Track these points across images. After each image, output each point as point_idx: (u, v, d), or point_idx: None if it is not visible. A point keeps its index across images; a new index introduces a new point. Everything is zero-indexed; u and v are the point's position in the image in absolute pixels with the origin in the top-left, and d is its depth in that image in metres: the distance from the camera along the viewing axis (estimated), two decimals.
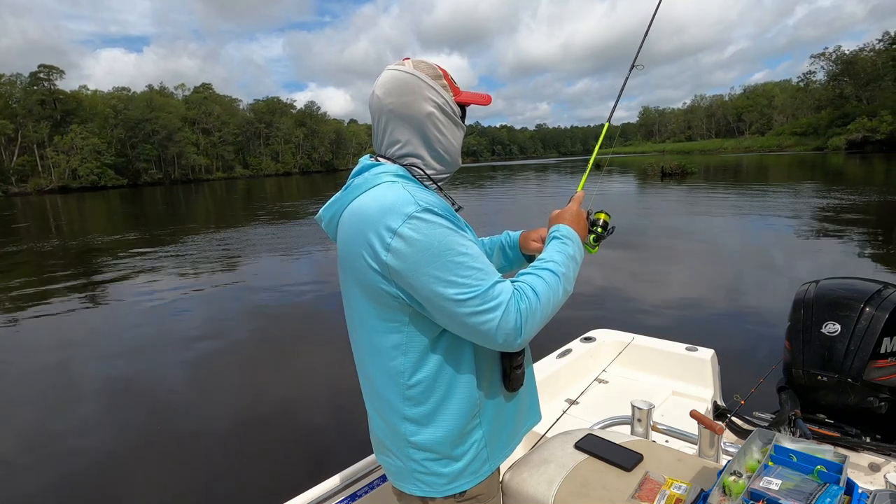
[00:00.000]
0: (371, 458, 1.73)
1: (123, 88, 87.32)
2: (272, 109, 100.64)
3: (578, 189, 1.39)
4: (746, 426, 2.39)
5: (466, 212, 1.21)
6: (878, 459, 2.01)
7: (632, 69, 1.77)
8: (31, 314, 8.12)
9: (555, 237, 1.20)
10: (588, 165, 1.58)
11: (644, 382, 2.83)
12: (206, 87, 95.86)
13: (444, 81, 1.14)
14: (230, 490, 3.33)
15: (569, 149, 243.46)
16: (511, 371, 1.15)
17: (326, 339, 6.15)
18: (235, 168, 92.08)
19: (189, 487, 3.41)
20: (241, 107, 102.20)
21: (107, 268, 11.71)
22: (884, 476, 1.71)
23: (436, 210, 1.00)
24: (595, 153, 1.65)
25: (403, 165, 1.13)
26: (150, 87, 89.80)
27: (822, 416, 2.26)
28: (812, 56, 79.28)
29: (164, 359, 5.89)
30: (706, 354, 2.79)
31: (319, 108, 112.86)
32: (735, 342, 5.13)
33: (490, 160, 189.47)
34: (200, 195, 44.69)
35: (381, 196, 1.03)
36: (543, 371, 2.71)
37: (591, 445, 1.40)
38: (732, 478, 1.09)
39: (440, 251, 0.96)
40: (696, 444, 1.61)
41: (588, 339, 3.12)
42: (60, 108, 73.03)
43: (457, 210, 1.15)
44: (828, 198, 16.73)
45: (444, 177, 1.20)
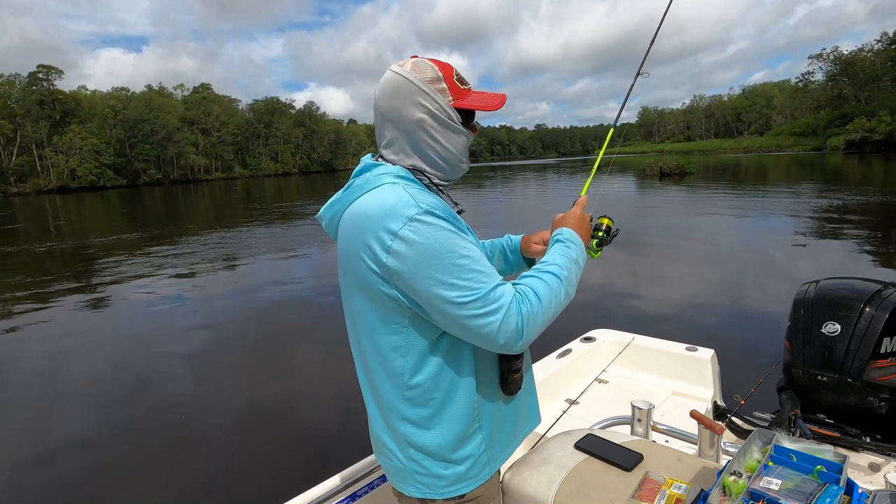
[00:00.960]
0: (371, 459, 1.72)
1: (122, 88, 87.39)
2: (271, 109, 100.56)
3: (582, 193, 1.38)
4: (746, 426, 2.38)
5: (466, 213, 1.20)
6: (878, 459, 2.01)
7: (637, 77, 1.77)
8: (30, 315, 8.11)
9: (558, 240, 1.19)
10: (592, 170, 1.57)
11: (644, 382, 2.83)
12: (206, 88, 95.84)
13: (444, 84, 1.10)
14: (230, 490, 3.33)
15: (568, 149, 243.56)
16: (509, 375, 1.14)
17: (326, 339, 6.15)
18: (234, 168, 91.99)
19: (189, 487, 3.40)
20: (241, 107, 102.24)
21: (106, 268, 11.70)
22: (884, 476, 1.71)
23: (437, 212, 0.99)
24: (599, 158, 1.66)
25: (403, 166, 1.12)
26: (150, 88, 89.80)
27: (822, 416, 2.26)
28: (810, 57, 79.50)
29: (164, 359, 5.88)
30: (706, 354, 2.79)
31: (319, 109, 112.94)
32: (735, 342, 5.13)
33: (489, 160, 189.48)
34: (200, 195, 44.66)
35: (382, 198, 1.02)
36: (543, 371, 2.71)
37: (591, 445, 1.40)
38: (732, 478, 1.09)
39: (441, 254, 0.96)
40: (696, 444, 1.61)
41: (588, 339, 3.12)
42: (59, 109, 72.96)
43: (458, 212, 1.14)
44: (827, 198, 16.74)
45: (445, 181, 1.18)
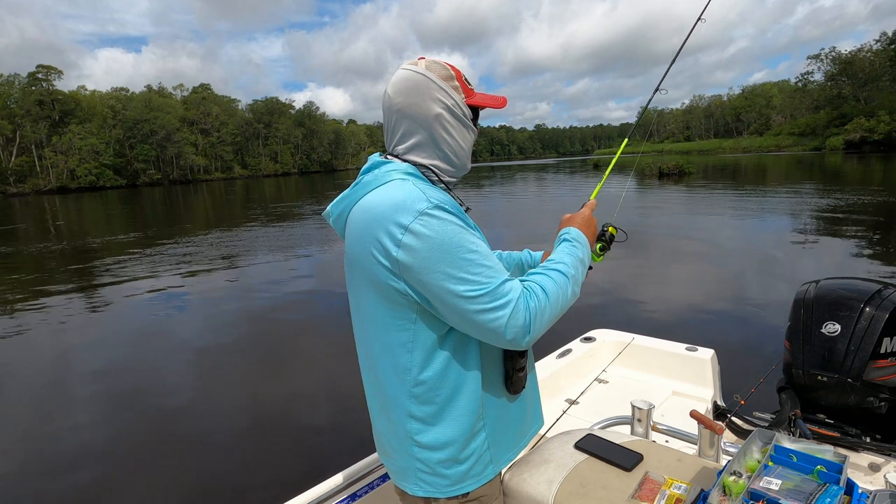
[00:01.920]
0: (372, 458, 1.73)
1: (122, 89, 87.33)
2: (271, 110, 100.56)
3: (591, 197, 1.40)
4: (746, 426, 2.39)
5: (469, 212, 1.21)
6: (878, 459, 2.01)
7: (655, 92, 1.80)
8: (29, 315, 8.10)
9: (565, 239, 1.21)
10: (603, 176, 1.60)
11: (644, 382, 2.83)
12: (205, 88, 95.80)
13: (457, 83, 1.14)
14: (231, 489, 3.33)
15: (567, 149, 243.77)
16: (513, 373, 1.15)
17: (326, 339, 6.15)
18: (234, 168, 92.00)
19: (190, 487, 3.40)
20: (240, 107, 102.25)
21: (105, 268, 11.69)
22: (884, 476, 1.71)
23: (447, 207, 1.01)
24: (610, 166, 1.68)
25: (413, 164, 1.13)
26: (149, 88, 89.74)
27: (822, 416, 2.26)
28: (809, 57, 79.54)
29: (165, 359, 5.88)
30: (706, 354, 2.79)
31: (318, 109, 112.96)
32: (735, 342, 5.13)
33: (489, 160, 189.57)
34: (199, 196, 44.64)
35: (393, 193, 1.03)
36: (543, 371, 2.71)
37: (591, 445, 1.40)
38: (732, 478, 1.09)
39: (451, 248, 0.97)
40: (696, 444, 1.61)
41: (588, 339, 3.12)
42: (59, 109, 72.97)
43: (465, 210, 1.15)
44: (826, 198, 16.75)
45: (453, 179, 1.20)
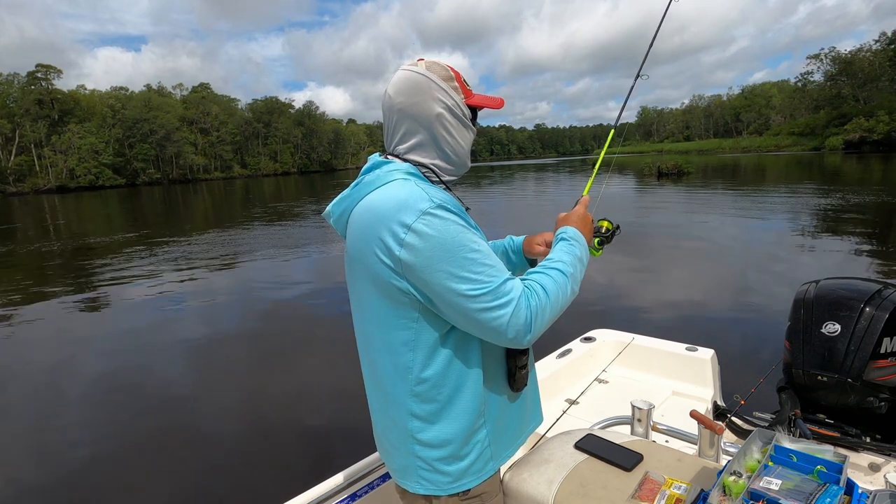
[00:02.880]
0: (372, 458, 1.73)
1: (121, 88, 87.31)
2: (270, 109, 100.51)
3: (584, 193, 1.41)
4: (746, 426, 2.39)
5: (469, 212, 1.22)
6: (878, 459, 2.01)
7: (637, 79, 1.79)
8: (28, 316, 8.10)
9: (562, 238, 1.22)
10: (594, 171, 1.60)
11: (644, 382, 2.83)
12: (205, 87, 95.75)
13: (456, 83, 1.15)
14: (231, 489, 3.33)
15: (567, 149, 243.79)
16: (516, 371, 1.16)
17: (327, 338, 6.15)
18: (234, 168, 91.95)
19: (190, 487, 3.40)
20: (240, 106, 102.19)
21: (105, 268, 11.69)
22: (884, 476, 1.71)
23: (449, 207, 1.02)
24: (600, 159, 1.68)
25: (413, 163, 1.14)
26: (149, 87, 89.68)
27: (822, 416, 2.26)
28: (808, 57, 79.49)
29: (165, 359, 5.87)
30: (706, 354, 2.79)
31: (318, 108, 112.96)
32: (735, 342, 5.13)
33: (488, 160, 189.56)
34: (199, 195, 44.63)
35: (395, 192, 1.04)
36: (543, 371, 2.71)
37: (591, 445, 1.40)
38: (732, 478, 1.09)
39: (453, 247, 0.98)
40: (696, 444, 1.61)
41: (588, 339, 3.12)
42: (58, 108, 72.93)
43: (465, 210, 1.16)
44: (826, 198, 16.76)
45: (453, 178, 1.21)
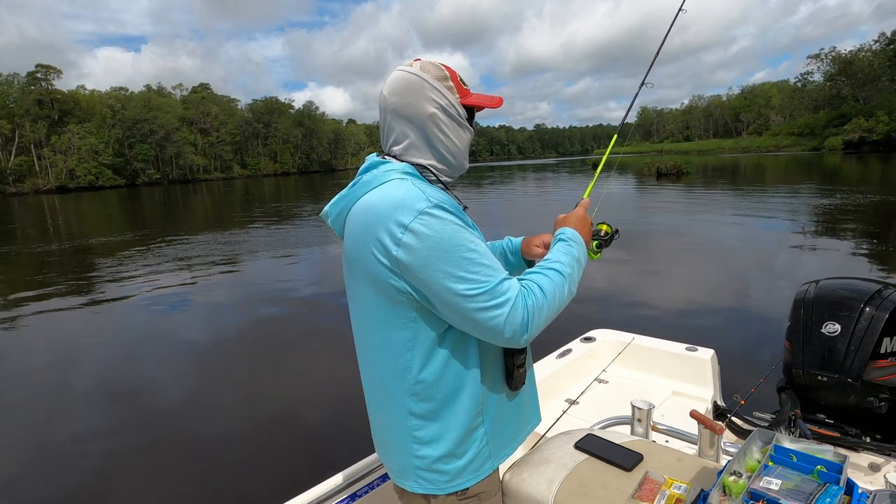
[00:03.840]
0: (371, 458, 1.73)
1: (121, 88, 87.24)
2: (270, 109, 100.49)
3: (584, 196, 1.41)
4: (746, 426, 2.38)
5: (467, 211, 1.21)
6: (878, 459, 2.01)
7: (641, 87, 1.80)
8: (28, 316, 8.09)
9: (560, 239, 1.22)
10: (595, 174, 1.60)
11: (644, 382, 2.83)
12: (204, 87, 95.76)
13: (451, 83, 1.15)
14: (231, 489, 3.33)
15: (567, 149, 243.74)
16: (514, 369, 1.16)
17: (325, 338, 6.15)
18: (233, 168, 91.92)
19: (189, 487, 3.40)
20: (240, 107, 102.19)
21: (105, 269, 11.69)
22: (884, 476, 1.71)
23: (446, 206, 1.02)
24: (602, 163, 1.68)
25: (410, 164, 1.14)
26: (148, 87, 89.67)
27: (822, 416, 2.26)
28: (808, 56, 79.62)
29: (165, 359, 5.87)
30: (706, 354, 2.79)
31: (318, 108, 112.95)
32: (735, 342, 5.13)
33: (488, 160, 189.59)
34: (198, 195, 44.62)
35: (392, 192, 1.04)
36: (543, 371, 2.71)
37: (591, 445, 1.40)
38: (732, 478, 1.09)
39: (450, 247, 0.98)
40: (696, 444, 1.61)
41: (588, 339, 3.11)
42: (58, 108, 72.88)
43: (463, 209, 1.16)
44: (826, 198, 16.77)
45: (450, 178, 1.21)
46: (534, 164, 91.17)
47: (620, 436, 1.49)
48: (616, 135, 1.76)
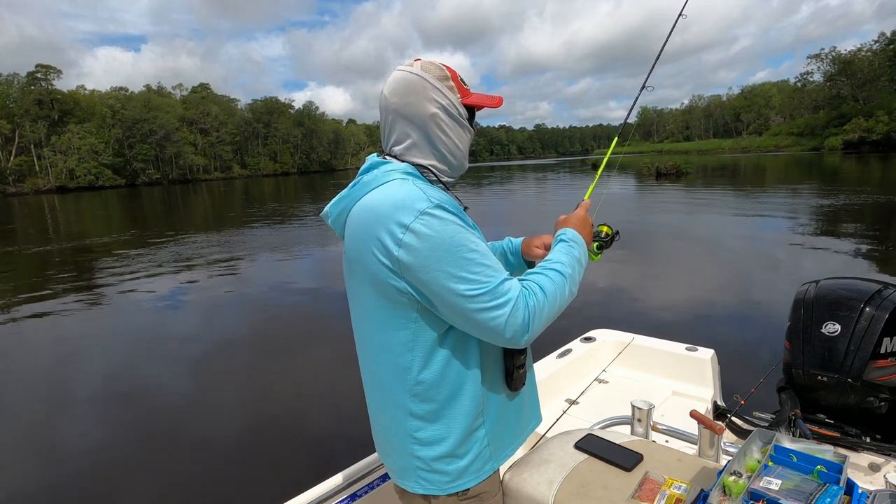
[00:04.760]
0: (371, 458, 1.73)
1: (121, 88, 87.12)
2: (270, 109, 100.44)
3: (585, 197, 1.41)
4: (746, 426, 2.38)
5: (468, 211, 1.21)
6: (878, 459, 2.01)
7: (641, 90, 1.80)
8: (28, 317, 8.09)
9: (561, 240, 1.22)
10: (596, 175, 1.60)
11: (644, 382, 2.83)
12: (204, 87, 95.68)
13: (452, 83, 1.15)
14: (231, 489, 3.33)
15: (567, 149, 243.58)
16: (514, 370, 1.16)
17: (326, 339, 6.14)
18: (233, 168, 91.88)
19: (189, 487, 3.40)
20: (240, 106, 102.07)
21: (104, 269, 11.69)
22: (884, 476, 1.71)
23: (447, 207, 1.02)
24: (603, 164, 1.68)
25: (411, 164, 1.14)
26: (148, 87, 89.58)
27: (822, 416, 2.26)
28: (809, 56, 79.59)
29: (165, 359, 5.87)
30: (706, 354, 2.79)
31: (318, 108, 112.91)
32: (735, 342, 5.13)
33: (488, 160, 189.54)
34: (198, 195, 44.62)
35: (393, 192, 1.04)
36: (543, 371, 2.71)
37: (591, 445, 1.40)
38: (732, 478, 1.09)
39: (451, 247, 0.98)
40: (696, 444, 1.61)
41: (588, 339, 3.11)
42: (58, 108, 72.85)
43: (464, 209, 1.16)
44: (826, 198, 16.76)
45: (451, 178, 1.20)
46: (534, 165, 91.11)
47: (620, 436, 1.49)
48: (616, 137, 1.76)
